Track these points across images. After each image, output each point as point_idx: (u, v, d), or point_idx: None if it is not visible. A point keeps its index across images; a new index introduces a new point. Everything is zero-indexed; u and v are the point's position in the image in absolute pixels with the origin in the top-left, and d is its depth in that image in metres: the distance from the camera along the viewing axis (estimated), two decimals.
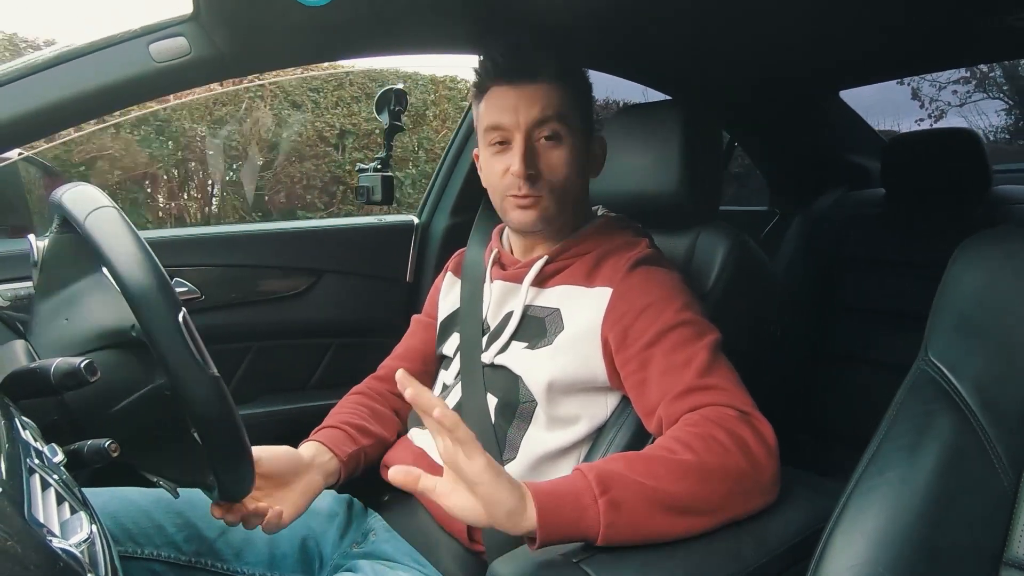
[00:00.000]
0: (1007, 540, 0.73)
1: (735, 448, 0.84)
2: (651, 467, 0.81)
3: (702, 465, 0.82)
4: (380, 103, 1.65)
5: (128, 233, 0.75)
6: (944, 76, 4.00)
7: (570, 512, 0.77)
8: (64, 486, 0.62)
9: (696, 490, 0.81)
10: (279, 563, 1.09)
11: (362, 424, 1.16)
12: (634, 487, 0.79)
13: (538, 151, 1.05)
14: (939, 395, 0.78)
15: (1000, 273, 0.79)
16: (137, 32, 1.11)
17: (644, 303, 0.98)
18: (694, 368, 0.92)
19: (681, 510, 0.81)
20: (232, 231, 1.82)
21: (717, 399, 0.89)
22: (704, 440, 0.84)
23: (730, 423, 0.86)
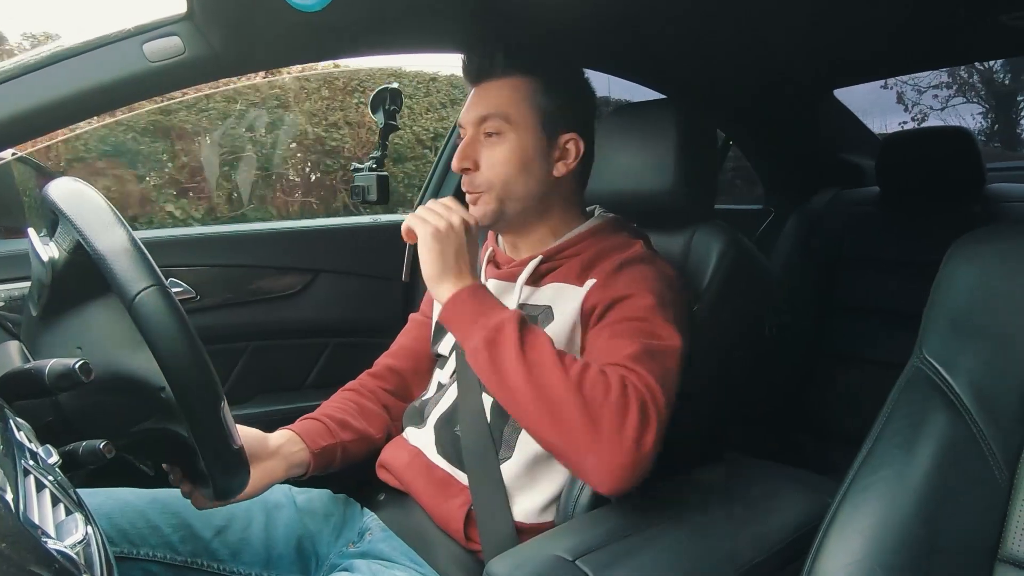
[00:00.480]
0: (1002, 537, 0.74)
1: (613, 409, 0.85)
2: (543, 353, 0.89)
3: (575, 389, 0.86)
4: (375, 102, 1.65)
5: (175, 314, 0.74)
6: (924, 81, 4.12)
7: (461, 325, 0.95)
8: (59, 487, 0.62)
9: (552, 399, 0.87)
10: (275, 563, 1.09)
11: (344, 419, 1.16)
12: (516, 350, 0.89)
13: (480, 148, 1.08)
14: (934, 393, 0.78)
15: (994, 271, 0.79)
16: (131, 31, 1.11)
17: (619, 295, 0.99)
18: (628, 352, 0.92)
19: (530, 400, 0.88)
20: (228, 231, 1.82)
21: (634, 377, 0.89)
22: (598, 378, 0.87)
23: (631, 395, 0.86)
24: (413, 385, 1.26)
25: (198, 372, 0.75)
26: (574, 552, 0.81)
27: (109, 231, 0.74)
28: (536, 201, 1.11)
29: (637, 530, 0.87)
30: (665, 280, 1.03)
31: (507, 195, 1.08)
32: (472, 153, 1.08)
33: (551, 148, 1.10)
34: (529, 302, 1.09)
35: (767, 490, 1.01)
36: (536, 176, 1.09)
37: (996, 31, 1.34)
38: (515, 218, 1.11)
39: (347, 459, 1.15)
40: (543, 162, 1.09)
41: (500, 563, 0.81)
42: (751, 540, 0.87)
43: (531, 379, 0.88)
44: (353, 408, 1.20)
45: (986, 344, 0.77)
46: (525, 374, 0.88)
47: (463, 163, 1.08)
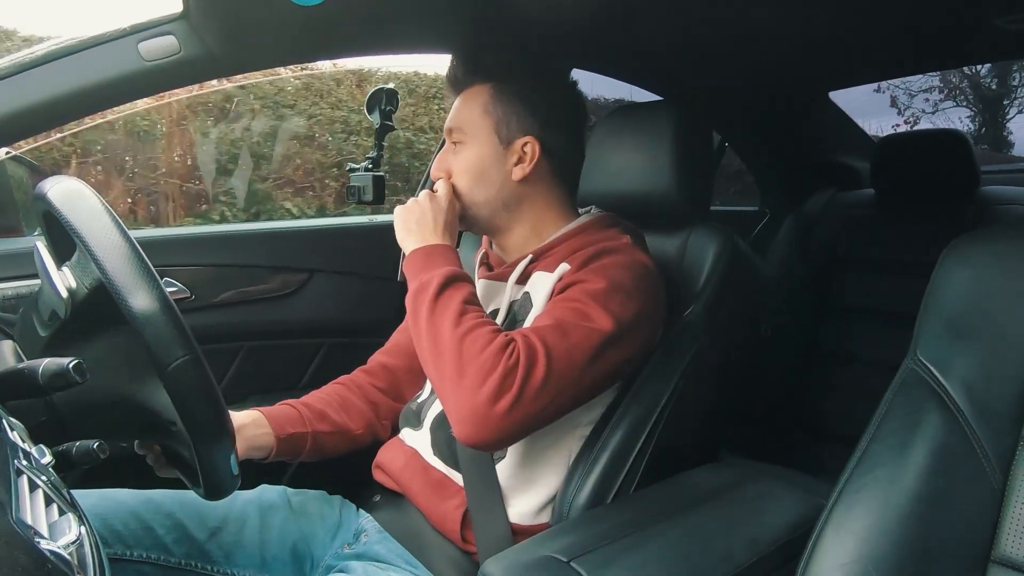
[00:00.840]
0: (995, 538, 0.74)
1: (477, 367, 0.90)
2: (445, 312, 0.96)
3: (458, 340, 0.93)
4: (371, 103, 1.65)
5: (206, 382, 0.76)
6: (916, 85, 4.25)
7: (410, 278, 1.03)
8: (52, 487, 0.62)
9: (439, 343, 0.95)
10: (270, 565, 1.08)
11: (323, 410, 1.16)
12: (423, 312, 0.97)
13: (449, 158, 1.14)
14: (928, 394, 0.79)
15: (988, 273, 0.79)
16: (126, 31, 1.10)
17: (580, 279, 1.01)
18: (542, 324, 0.97)
19: (420, 348, 0.99)
20: (223, 230, 1.82)
21: (520, 339, 0.93)
22: (478, 339, 0.92)
23: (503, 358, 0.90)
24: (405, 383, 1.26)
25: (219, 429, 0.78)
26: (569, 553, 0.81)
27: (143, 290, 0.73)
28: (501, 205, 1.12)
29: (632, 531, 0.87)
30: (632, 270, 1.02)
31: (470, 202, 1.12)
32: (443, 163, 1.14)
33: (507, 153, 1.11)
34: (517, 298, 1.09)
35: (762, 491, 1.01)
36: (494, 182, 1.11)
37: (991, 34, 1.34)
38: (484, 222, 1.14)
39: (319, 451, 1.15)
40: (499, 167, 1.11)
41: (495, 564, 0.81)
42: (746, 541, 0.87)
43: (430, 327, 0.96)
44: (336, 401, 1.19)
45: (980, 346, 0.78)
46: (427, 322, 0.97)
47: (437, 173, 1.14)
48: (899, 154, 1.97)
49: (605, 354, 0.96)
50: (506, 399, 0.89)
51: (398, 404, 1.24)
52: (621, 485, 1.04)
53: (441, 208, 1.07)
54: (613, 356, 0.98)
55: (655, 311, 1.06)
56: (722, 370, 1.22)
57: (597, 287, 0.98)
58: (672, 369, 1.09)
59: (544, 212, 1.14)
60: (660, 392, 1.07)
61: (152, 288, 0.73)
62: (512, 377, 0.90)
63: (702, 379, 1.13)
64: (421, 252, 1.04)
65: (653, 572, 0.81)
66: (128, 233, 0.75)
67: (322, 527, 1.13)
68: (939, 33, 1.42)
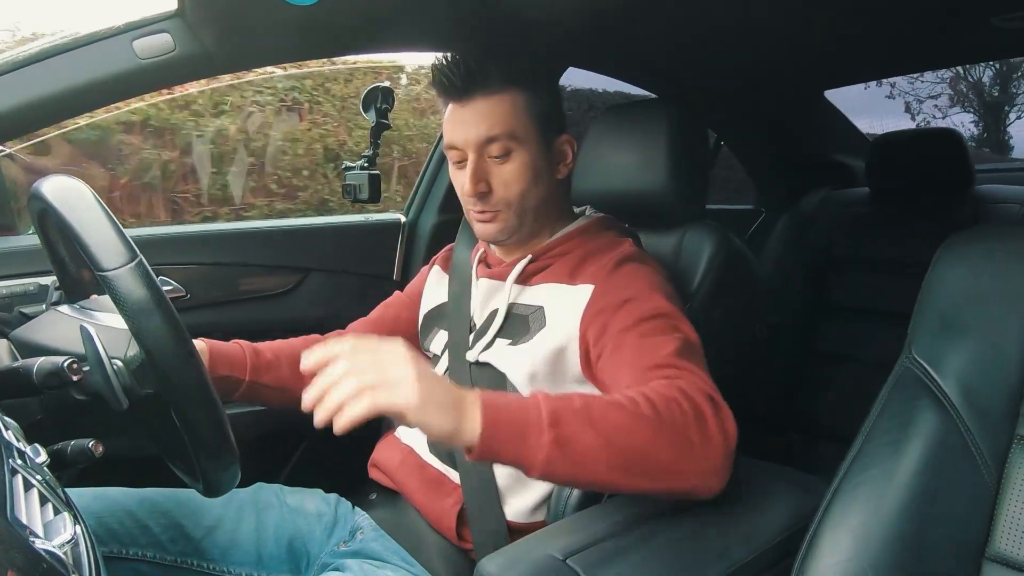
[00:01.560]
0: (989, 535, 0.74)
1: (693, 420, 0.80)
2: (608, 414, 0.77)
3: (657, 424, 0.77)
4: (367, 101, 1.64)
5: (203, 380, 0.76)
6: (924, 91, 4.33)
7: (513, 434, 0.73)
8: (47, 487, 0.62)
9: (644, 449, 0.77)
10: (266, 563, 1.08)
11: (273, 362, 1.16)
12: (583, 431, 0.75)
13: (489, 168, 1.06)
14: (922, 392, 0.79)
15: (982, 272, 0.80)
16: (121, 28, 1.10)
17: (625, 297, 0.97)
18: (668, 350, 0.89)
19: (623, 466, 0.78)
20: (218, 229, 1.81)
21: (687, 377, 0.85)
22: (666, 401, 0.80)
23: (696, 397, 0.82)
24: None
25: (218, 430, 0.78)
26: (565, 551, 0.81)
27: (141, 289, 0.72)
28: (545, 208, 1.11)
29: (628, 529, 0.87)
30: (660, 276, 1.03)
31: (523, 210, 1.08)
32: (483, 175, 1.05)
33: (551, 154, 1.10)
34: (519, 301, 1.09)
35: (758, 489, 1.01)
36: (545, 184, 1.09)
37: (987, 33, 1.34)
38: (529, 228, 1.11)
39: (253, 399, 1.16)
40: (548, 170, 1.10)
41: (491, 562, 0.81)
42: (742, 539, 0.87)
43: (617, 448, 0.77)
44: (294, 359, 1.17)
45: (974, 344, 0.78)
46: (612, 450, 0.77)
47: (479, 187, 1.05)
48: (894, 153, 1.98)
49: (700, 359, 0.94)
50: (729, 423, 0.83)
51: None
52: None
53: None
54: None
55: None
56: (717, 369, 1.22)
57: (659, 301, 0.96)
58: None
59: (557, 211, 1.14)
60: None
61: (149, 287, 0.73)
62: (717, 403, 0.83)
63: None
64: (493, 423, 0.73)
65: (649, 569, 0.81)
66: (124, 232, 0.75)
67: (318, 525, 1.13)
68: (936, 32, 1.43)
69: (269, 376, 1.15)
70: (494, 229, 1.08)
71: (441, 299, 1.23)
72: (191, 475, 0.87)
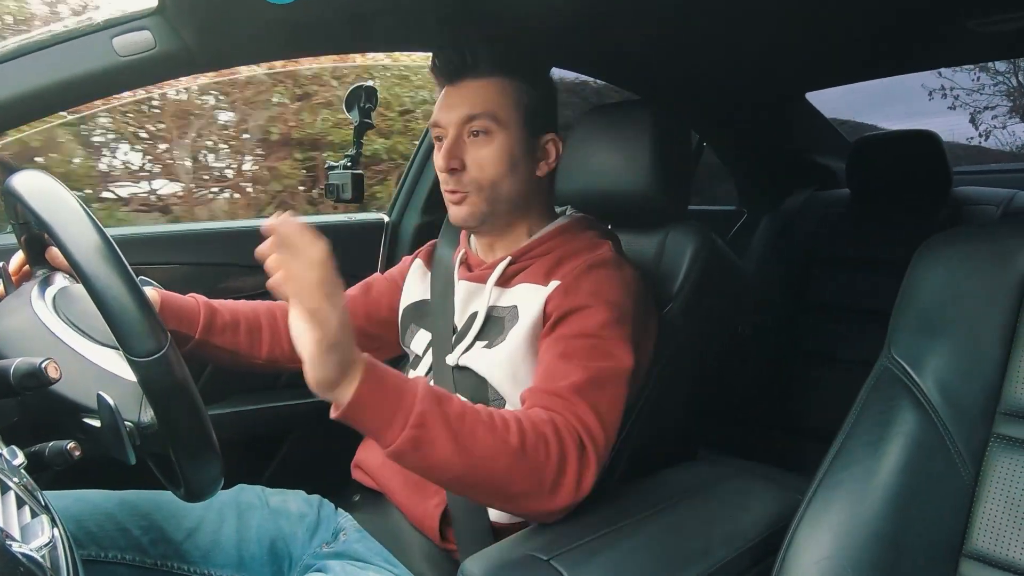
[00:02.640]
0: (966, 533, 0.75)
1: (555, 464, 0.84)
2: (476, 432, 0.81)
3: (518, 458, 0.82)
4: (350, 100, 1.64)
5: (185, 384, 0.77)
6: (982, 104, 4.25)
7: (377, 416, 0.78)
8: (25, 489, 0.61)
9: (496, 476, 0.82)
10: (248, 565, 1.07)
11: (230, 323, 1.15)
12: (444, 440, 0.79)
13: (466, 147, 1.06)
14: (902, 392, 0.80)
15: (960, 272, 0.81)
16: (100, 25, 1.09)
17: (580, 304, 0.98)
18: (575, 379, 0.92)
19: (469, 484, 0.83)
20: (199, 228, 1.79)
21: (571, 418, 0.89)
22: (537, 438, 0.84)
23: (568, 442, 0.86)
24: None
25: (202, 434, 0.79)
26: (548, 551, 0.81)
27: (117, 283, 0.73)
28: (521, 202, 1.10)
29: (611, 528, 0.87)
30: (627, 288, 1.02)
31: (495, 196, 1.07)
32: (458, 152, 1.06)
33: (534, 148, 1.10)
34: (499, 303, 1.09)
35: (740, 487, 1.02)
36: (522, 177, 1.09)
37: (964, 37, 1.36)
38: (500, 219, 1.11)
39: (202, 357, 1.15)
40: (528, 163, 1.09)
41: (475, 562, 0.81)
42: (724, 537, 0.88)
43: (469, 466, 0.81)
44: (252, 323, 1.18)
45: (952, 343, 0.79)
46: (464, 467, 0.81)
47: (451, 163, 1.05)
48: (874, 155, 2.00)
49: (631, 383, 0.97)
50: (588, 477, 0.87)
51: None
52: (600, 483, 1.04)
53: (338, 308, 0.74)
54: (634, 384, 0.99)
55: (651, 324, 1.08)
56: (700, 368, 1.23)
57: (603, 318, 0.97)
58: (650, 368, 1.09)
59: (539, 212, 1.14)
60: (638, 390, 1.08)
61: (126, 281, 0.73)
62: (586, 456, 0.87)
63: (680, 377, 1.14)
64: (363, 404, 0.77)
65: (631, 569, 0.81)
66: (101, 226, 0.74)
67: (300, 526, 1.13)
68: (914, 35, 1.45)
69: (223, 338, 1.13)
70: (464, 212, 1.08)
71: (422, 295, 1.22)
72: (173, 480, 0.86)
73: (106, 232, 0.75)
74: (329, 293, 0.72)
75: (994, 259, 0.80)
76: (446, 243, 1.26)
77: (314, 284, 0.72)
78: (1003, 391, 0.76)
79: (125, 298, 0.73)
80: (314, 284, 0.72)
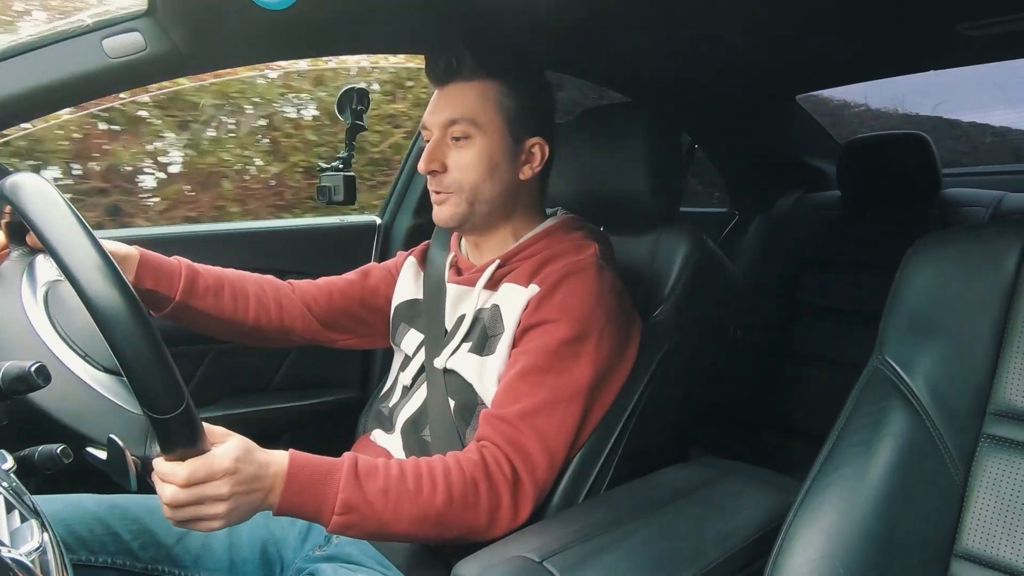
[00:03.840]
0: (957, 533, 0.76)
1: (486, 503, 0.92)
2: (400, 505, 0.88)
3: (446, 511, 0.90)
4: (342, 102, 1.63)
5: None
6: None
7: (307, 512, 0.86)
8: (14, 494, 0.60)
9: (426, 532, 0.91)
10: (239, 569, 1.07)
11: (213, 287, 1.13)
12: (370, 519, 0.87)
13: (448, 151, 1.08)
14: (893, 393, 0.80)
15: (950, 274, 0.81)
16: (90, 27, 1.08)
17: (551, 316, 1.00)
18: (524, 404, 0.97)
19: (409, 537, 0.94)
20: (192, 231, 1.79)
21: (506, 447, 0.95)
22: (465, 484, 0.91)
23: (499, 478, 0.93)
24: (339, 319, 1.26)
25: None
26: (541, 553, 0.81)
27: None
28: (502, 204, 1.11)
29: (603, 531, 0.88)
30: (602, 297, 1.03)
31: (475, 198, 1.08)
32: (440, 155, 1.08)
33: (518, 152, 1.10)
34: (486, 306, 1.09)
35: (732, 489, 1.02)
36: (503, 179, 1.09)
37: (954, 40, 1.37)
38: (481, 220, 1.11)
39: (182, 321, 1.12)
40: (510, 165, 1.09)
41: (467, 565, 0.81)
42: (716, 539, 0.88)
43: (400, 532, 0.91)
44: (243, 289, 1.17)
45: (942, 345, 0.79)
46: (395, 533, 0.91)
47: (431, 165, 1.07)
48: (863, 157, 2.01)
49: (590, 399, 1.01)
50: (525, 506, 0.95)
51: (325, 331, 1.25)
52: (592, 485, 1.04)
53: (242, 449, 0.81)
54: (601, 394, 1.03)
55: (633, 330, 1.09)
56: (691, 370, 1.23)
57: (567, 334, 0.99)
58: (641, 370, 1.09)
59: (526, 215, 1.14)
60: (630, 393, 1.08)
61: (194, 430, 0.74)
62: (520, 487, 0.95)
63: (671, 379, 1.14)
64: (291, 503, 0.85)
65: (624, 570, 0.81)
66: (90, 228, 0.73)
67: (292, 530, 1.12)
68: (904, 38, 1.45)
69: (204, 301, 1.12)
70: (446, 213, 1.09)
71: (413, 295, 1.22)
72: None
73: (95, 234, 0.74)
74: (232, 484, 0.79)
75: (984, 260, 0.80)
76: (438, 245, 1.26)
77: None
78: (993, 392, 0.77)
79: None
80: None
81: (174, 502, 0.77)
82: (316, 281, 1.27)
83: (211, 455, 0.78)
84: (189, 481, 0.76)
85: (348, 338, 1.28)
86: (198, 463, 0.76)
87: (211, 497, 0.78)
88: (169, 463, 0.76)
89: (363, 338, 1.29)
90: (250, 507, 0.82)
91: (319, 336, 1.25)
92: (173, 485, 0.76)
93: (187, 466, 0.76)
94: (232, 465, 0.78)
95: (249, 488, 0.80)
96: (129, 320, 0.69)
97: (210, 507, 0.78)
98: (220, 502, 0.78)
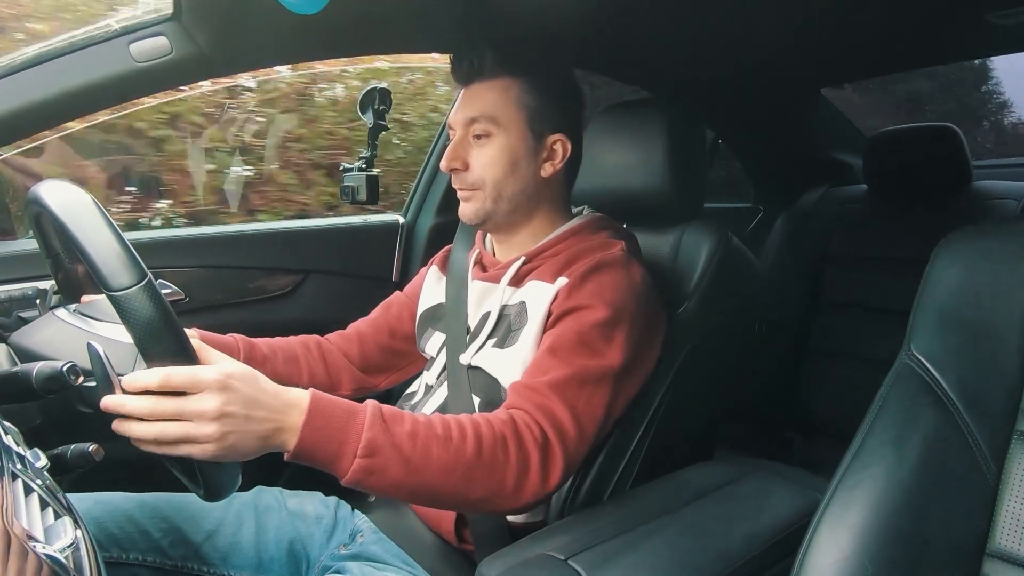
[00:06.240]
0: (990, 532, 0.74)
1: (515, 465, 0.88)
2: (428, 450, 0.83)
3: (474, 465, 0.85)
4: (364, 102, 1.64)
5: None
6: None
7: (327, 451, 0.79)
8: (48, 491, 0.61)
9: (454, 488, 0.85)
10: (266, 566, 1.08)
11: (267, 356, 1.17)
12: (396, 463, 0.81)
13: (470, 148, 1.09)
14: (922, 389, 0.79)
15: (980, 269, 0.80)
16: (117, 31, 1.10)
17: (582, 303, 1.00)
18: (554, 376, 0.95)
19: (428, 498, 0.88)
20: (217, 232, 1.81)
21: (536, 413, 0.92)
22: (495, 442, 0.87)
23: (528, 439, 0.90)
24: (377, 358, 1.28)
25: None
26: (566, 551, 0.81)
27: (137, 289, 0.70)
28: (525, 200, 1.11)
29: (629, 529, 0.87)
30: (631, 290, 1.02)
31: (498, 194, 1.09)
32: (462, 153, 1.09)
33: (539, 148, 1.10)
34: (511, 302, 1.09)
35: (758, 487, 1.01)
36: (524, 176, 1.09)
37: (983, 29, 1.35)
38: (505, 217, 1.12)
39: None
40: (531, 162, 1.10)
41: (492, 563, 0.81)
42: (742, 537, 0.88)
43: (425, 484, 0.84)
44: (292, 353, 1.21)
45: (973, 340, 0.78)
46: (420, 484, 0.84)
47: (452, 163, 1.09)
48: (891, 149, 1.98)
49: (618, 384, 0.99)
50: (554, 473, 0.91)
51: (367, 377, 1.27)
52: (617, 483, 1.04)
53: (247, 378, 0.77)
54: (627, 384, 1.01)
55: (659, 325, 1.08)
56: (716, 368, 1.22)
57: (599, 317, 0.98)
58: (666, 367, 1.09)
59: (551, 212, 1.14)
60: (655, 390, 1.07)
61: (157, 307, 0.71)
62: (550, 452, 0.91)
63: (696, 377, 1.13)
64: (309, 443, 0.79)
65: (650, 569, 0.81)
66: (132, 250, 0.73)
67: (318, 528, 1.13)
68: (931, 29, 1.43)
69: (263, 369, 1.14)
70: (470, 209, 1.11)
71: (437, 300, 1.23)
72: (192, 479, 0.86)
73: (135, 253, 0.74)
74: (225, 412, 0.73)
75: (1014, 255, 0.79)
76: (461, 245, 1.27)
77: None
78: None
79: (156, 324, 0.70)
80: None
81: (147, 413, 0.69)
82: (345, 331, 1.30)
83: (197, 366, 0.72)
84: (164, 385, 0.69)
85: (389, 375, 1.30)
86: (177, 368, 0.70)
87: (194, 413, 0.70)
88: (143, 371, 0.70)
89: (402, 370, 1.31)
90: (254, 437, 0.74)
91: (364, 384, 1.28)
92: (144, 396, 0.69)
93: (163, 369, 0.70)
94: (221, 379, 0.72)
95: (248, 413, 0.74)
96: (89, 209, 0.70)
97: (197, 426, 0.71)
98: (208, 421, 0.71)
